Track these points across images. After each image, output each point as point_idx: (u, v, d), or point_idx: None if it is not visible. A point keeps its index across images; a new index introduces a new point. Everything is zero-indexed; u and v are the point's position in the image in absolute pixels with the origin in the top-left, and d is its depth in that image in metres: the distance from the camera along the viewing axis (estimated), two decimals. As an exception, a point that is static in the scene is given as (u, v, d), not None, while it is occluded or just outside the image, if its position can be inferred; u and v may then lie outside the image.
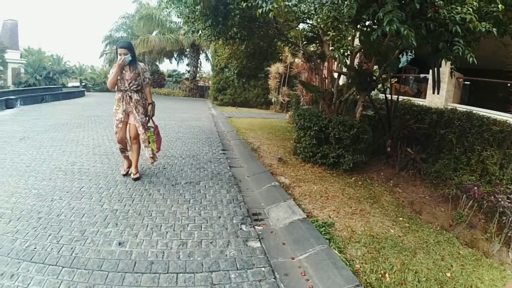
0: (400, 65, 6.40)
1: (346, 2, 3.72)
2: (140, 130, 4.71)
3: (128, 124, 4.83)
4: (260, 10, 4.51)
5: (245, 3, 5.18)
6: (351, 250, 3.07)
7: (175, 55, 32.61)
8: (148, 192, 4.39)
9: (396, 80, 8.81)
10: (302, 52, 8.84)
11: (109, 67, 34.20)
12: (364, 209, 3.97)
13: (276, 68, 16.10)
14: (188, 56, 31.35)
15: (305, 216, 3.64)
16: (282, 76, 16.65)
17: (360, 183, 4.92)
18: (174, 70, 37.10)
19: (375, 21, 3.80)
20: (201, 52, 29.40)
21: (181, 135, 8.64)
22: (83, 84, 38.61)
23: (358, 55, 6.61)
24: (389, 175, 5.50)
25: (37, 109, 16.00)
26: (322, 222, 3.52)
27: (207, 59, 31.02)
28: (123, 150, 4.94)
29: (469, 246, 3.59)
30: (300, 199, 4.17)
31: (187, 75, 33.25)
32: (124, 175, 4.91)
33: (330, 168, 5.51)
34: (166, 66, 36.85)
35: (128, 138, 4.92)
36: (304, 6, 4.82)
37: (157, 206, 3.94)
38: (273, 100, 17.22)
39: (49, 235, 3.27)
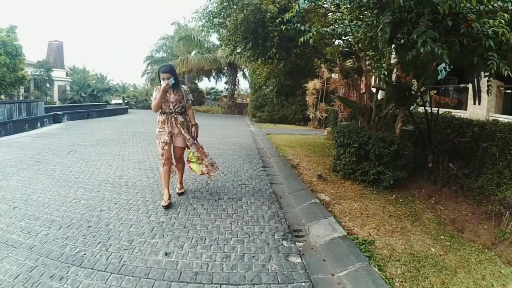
0: (439, 77, 6.28)
1: (380, 26, 3.80)
2: (192, 149, 4.80)
3: (173, 146, 4.83)
4: (301, 39, 4.70)
5: (284, 27, 5.35)
6: (391, 268, 3.08)
7: (213, 74, 33.36)
8: (193, 206, 4.57)
9: (435, 91, 8.62)
10: (339, 68, 8.91)
11: (150, 85, 35.53)
12: (405, 227, 3.95)
13: (313, 84, 16.17)
14: (226, 74, 31.99)
15: (346, 234, 3.66)
16: (319, 92, 16.68)
17: (401, 200, 4.88)
18: (212, 88, 37.94)
19: (410, 40, 3.85)
20: (238, 70, 29.89)
21: (222, 151, 8.88)
22: (125, 101, 40.31)
23: (395, 69, 6.62)
24: (431, 192, 5.41)
25: (83, 125, 16.86)
26: (362, 240, 3.54)
27: (244, 77, 31.47)
28: (164, 174, 4.73)
29: (511, 264, 3.50)
30: (340, 216, 4.20)
31: (225, 93, 33.92)
32: (165, 206, 4.50)
33: (370, 185, 5.47)
34: (204, 84, 37.69)
35: (173, 158, 4.91)
36: (341, 29, 4.93)
37: (201, 220, 4.09)
38: (311, 116, 17.28)
39: (98, 243, 3.48)
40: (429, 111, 6.57)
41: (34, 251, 3.32)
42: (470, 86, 7.40)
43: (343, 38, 7.23)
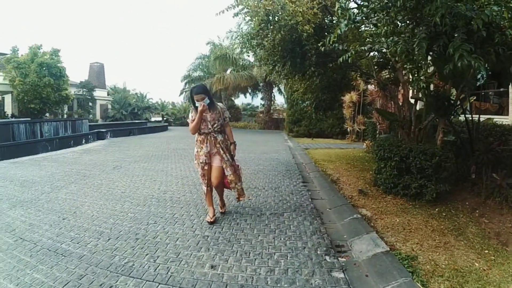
0: (478, 84, 6.14)
1: (416, 41, 3.84)
2: (228, 171, 4.64)
3: (211, 166, 4.69)
4: (340, 59, 4.81)
5: (322, 47, 5.46)
6: (434, 284, 3.05)
7: (249, 90, 33.81)
8: (236, 221, 4.69)
9: (474, 97, 8.37)
10: (376, 81, 8.87)
11: (188, 103, 36.44)
12: (448, 241, 3.89)
13: (349, 97, 16.06)
14: (261, 90, 32.33)
15: (388, 249, 3.66)
16: (356, 104, 16.54)
17: (444, 214, 4.79)
18: (248, 104, 38.44)
19: (447, 53, 3.85)
20: (274, 85, 30.15)
21: (261, 167, 9.02)
22: (164, 119, 41.58)
23: (433, 78, 6.53)
24: (474, 204, 5.26)
25: (126, 141, 17.65)
26: (405, 255, 3.53)
27: (280, 92, 31.69)
28: (208, 193, 4.76)
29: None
30: (382, 231, 4.19)
31: (261, 108, 34.26)
32: (210, 222, 4.59)
33: (412, 199, 5.38)
34: (241, 100, 38.26)
35: (211, 180, 4.73)
36: (378, 46, 4.99)
37: (245, 235, 4.20)
38: (348, 130, 17.09)
39: (146, 254, 3.66)
40: (470, 119, 6.41)
41: (84, 260, 3.55)
42: (510, 89, 7.22)
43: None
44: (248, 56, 14.29)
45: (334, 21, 6.81)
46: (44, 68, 24.98)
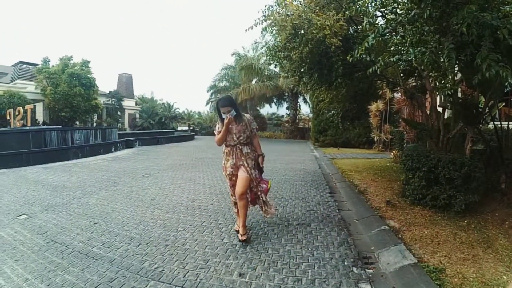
0: (506, 90, 6.02)
1: (445, 52, 3.84)
2: (253, 184, 4.52)
3: (238, 178, 4.52)
4: (370, 70, 4.86)
5: (350, 58, 5.50)
6: (462, 297, 3.01)
7: (275, 100, 33.96)
8: (263, 231, 4.74)
9: (503, 103, 8.15)
10: (403, 90, 8.81)
11: (214, 113, 36.99)
12: (477, 254, 3.83)
13: (376, 106, 15.89)
14: (287, 99, 32.43)
15: (416, 261, 3.64)
16: (382, 113, 16.36)
17: (473, 226, 4.70)
18: (274, 113, 38.55)
19: (474, 63, 3.83)
20: (299, 95, 30.21)
21: (288, 177, 9.03)
22: (191, 128, 42.35)
23: (460, 85, 6.44)
24: (504, 216, 5.11)
25: (154, 150, 18.04)
26: (433, 268, 3.49)
27: (305, 101, 31.71)
28: (235, 204, 4.68)
29: None
30: (410, 243, 4.16)
31: (286, 118, 34.32)
32: (237, 231, 4.61)
33: (441, 210, 5.29)
34: (266, 109, 38.51)
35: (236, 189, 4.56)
36: (406, 57, 5.00)
37: (273, 244, 4.24)
38: (375, 139, 16.87)
39: (176, 261, 3.77)
40: (499, 126, 6.25)
41: (115, 264, 3.69)
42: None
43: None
44: (275, 67, 14.44)
45: (359, 31, 6.83)
46: (74, 79, 26.09)
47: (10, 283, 3.32)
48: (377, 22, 5.64)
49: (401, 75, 8.00)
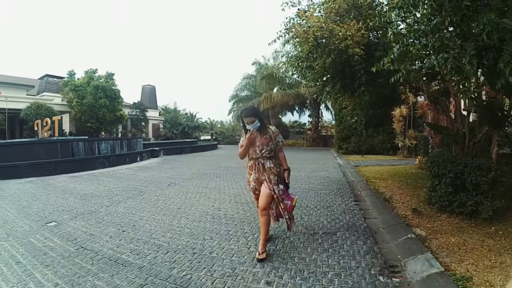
0: None
1: (467, 58, 3.85)
2: (277, 201, 4.32)
3: (260, 193, 4.39)
4: (392, 79, 4.89)
5: (374, 69, 5.52)
6: (489, 305, 2.97)
7: (296, 108, 33.99)
8: (290, 239, 4.75)
9: None
10: (426, 94, 8.73)
11: (236, 122, 37.36)
12: (504, 261, 3.76)
13: (399, 111, 15.69)
14: (309, 107, 32.39)
15: (443, 270, 3.61)
16: (406, 118, 16.15)
17: (500, 232, 4.62)
18: (295, 121, 38.54)
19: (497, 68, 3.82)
20: (321, 102, 30.17)
21: (312, 186, 9.05)
22: (213, 137, 42.87)
23: (484, 87, 6.34)
24: None
25: (178, 159, 18.35)
26: (460, 276, 3.47)
27: (327, 108, 31.62)
28: None
29: None
30: (437, 251, 4.12)
31: (308, 125, 34.26)
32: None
33: (468, 217, 5.20)
34: (288, 117, 38.61)
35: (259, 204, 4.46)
36: (428, 64, 5.01)
37: (299, 253, 4.26)
38: (399, 145, 16.64)
39: (204, 268, 3.85)
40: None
41: (144, 271, 3.80)
42: None
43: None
44: (298, 77, 14.51)
45: (379, 36, 6.83)
46: (99, 91, 27.20)
47: (40, 288, 3.47)
48: (399, 28, 5.65)
49: (424, 78, 7.96)
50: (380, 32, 7.33)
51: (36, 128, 18.68)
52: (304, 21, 7.08)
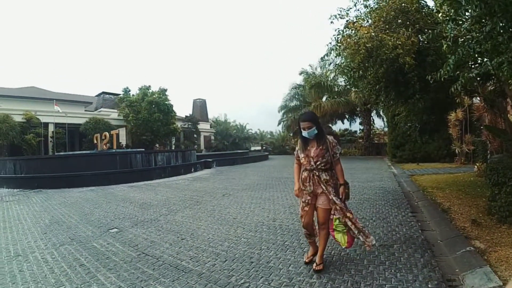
0: None
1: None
2: (337, 214, 4.03)
3: (316, 207, 4.17)
4: (452, 88, 4.91)
5: (429, 77, 5.54)
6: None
7: (347, 116, 33.66)
8: (345, 251, 4.76)
9: None
10: (482, 97, 8.48)
11: (286, 132, 37.56)
12: None
13: (455, 115, 15.13)
14: (359, 115, 31.98)
15: (501, 284, 3.54)
16: (462, 122, 15.50)
17: None
18: (346, 129, 38.13)
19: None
20: (372, 109, 29.72)
21: (367, 196, 9.01)
22: (263, 148, 43.35)
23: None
24: None
25: (230, 170, 18.78)
26: None
27: (378, 115, 31.05)
28: (309, 235, 4.34)
29: None
30: (496, 265, 4.02)
31: (360, 133, 33.76)
32: (306, 263, 4.34)
33: None
34: (338, 126, 38.28)
35: (316, 223, 4.37)
36: (484, 69, 4.97)
37: (355, 265, 4.27)
38: (456, 151, 15.93)
39: (261, 277, 3.97)
40: None
41: (203, 278, 4.01)
42: None
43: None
44: (349, 86, 14.46)
45: (430, 39, 6.79)
46: (153, 106, 29.01)
47: (104, 290, 3.81)
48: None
49: (478, 79, 7.76)
50: (429, 31, 7.28)
51: (95, 141, 20.28)
52: (353, 31, 7.18)
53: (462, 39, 5.20)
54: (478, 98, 12.40)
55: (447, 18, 4.87)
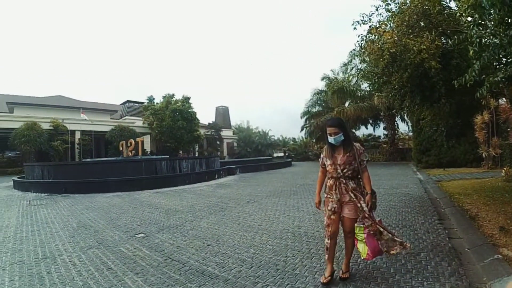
0: None
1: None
2: (366, 223, 3.90)
3: (342, 217, 4.05)
4: (477, 94, 4.88)
5: (455, 82, 5.51)
6: None
7: (370, 121, 33.39)
8: (372, 260, 4.61)
9: None
10: (508, 98, 8.33)
11: (309, 138, 37.53)
12: None
13: (481, 118, 14.83)
14: (383, 119, 31.68)
15: None
16: (489, 125, 15.17)
17: None
18: (370, 135, 37.80)
19: None
20: (396, 113, 29.41)
21: (393, 203, 8.90)
22: (286, 154, 43.42)
23: None
24: None
25: (254, 177, 18.83)
26: None
27: (402, 119, 30.67)
28: (331, 247, 4.09)
29: None
30: (525, 273, 3.93)
31: (384, 139, 33.38)
32: (324, 283, 3.99)
33: None
34: (361, 131, 38.03)
35: (343, 232, 4.20)
36: (509, 72, 4.93)
37: (382, 274, 4.25)
38: (483, 155, 15.55)
39: (287, 285, 4.00)
40: None
41: (229, 283, 4.06)
42: None
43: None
44: (372, 91, 14.36)
45: (455, 40, 6.75)
46: (177, 113, 29.84)
47: (131, 293, 3.92)
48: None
49: (504, 81, 7.63)
50: (455, 37, 7.22)
51: (121, 148, 20.86)
52: (377, 36, 7.18)
53: (487, 42, 5.15)
54: (504, 99, 12.15)
55: (471, 23, 4.84)
